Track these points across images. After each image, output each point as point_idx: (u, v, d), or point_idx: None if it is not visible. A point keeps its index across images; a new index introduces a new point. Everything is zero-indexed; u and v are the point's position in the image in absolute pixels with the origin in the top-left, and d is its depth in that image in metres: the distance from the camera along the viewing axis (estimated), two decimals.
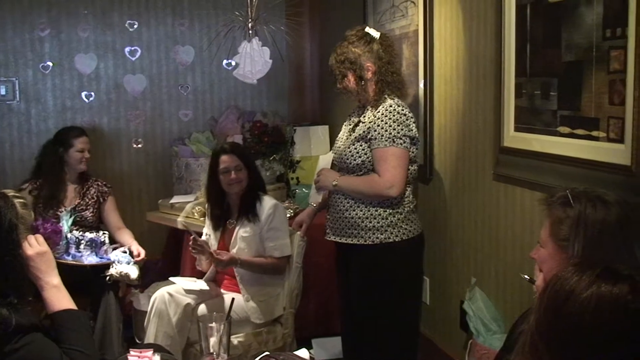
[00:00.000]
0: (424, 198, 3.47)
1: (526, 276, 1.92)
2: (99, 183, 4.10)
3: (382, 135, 2.81)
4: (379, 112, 2.86)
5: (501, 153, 2.74)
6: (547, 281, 1.17)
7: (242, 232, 3.31)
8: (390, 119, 2.82)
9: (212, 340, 2.08)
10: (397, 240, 2.88)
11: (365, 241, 2.90)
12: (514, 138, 2.66)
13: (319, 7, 5.11)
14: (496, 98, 2.74)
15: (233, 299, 2.34)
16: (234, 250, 3.30)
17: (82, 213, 3.95)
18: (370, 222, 2.88)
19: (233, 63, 3.92)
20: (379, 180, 2.83)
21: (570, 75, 2.29)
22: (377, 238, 2.88)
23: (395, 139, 2.80)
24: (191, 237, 3.20)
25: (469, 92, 3.02)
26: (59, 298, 1.98)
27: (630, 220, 1.67)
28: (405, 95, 3.01)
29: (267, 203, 3.34)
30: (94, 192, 4.05)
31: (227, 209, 3.42)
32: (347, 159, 2.91)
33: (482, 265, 3.00)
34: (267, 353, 1.96)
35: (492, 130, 2.81)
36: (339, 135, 3.10)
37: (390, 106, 2.85)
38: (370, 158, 2.87)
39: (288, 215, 4.09)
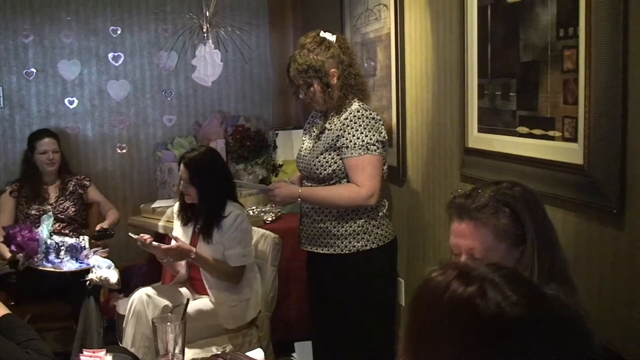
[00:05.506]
0: (397, 200, 3.47)
1: None
2: (78, 177, 4.35)
3: (355, 144, 2.74)
4: (346, 118, 2.78)
5: (466, 154, 2.73)
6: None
7: (203, 249, 3.25)
8: (360, 125, 2.75)
9: (167, 341, 2.10)
10: (373, 247, 2.85)
11: (342, 250, 2.84)
12: (477, 139, 2.65)
13: (301, 11, 5.12)
14: (461, 99, 2.74)
15: (188, 299, 2.35)
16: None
17: (63, 204, 4.18)
18: (346, 230, 2.83)
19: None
20: (358, 190, 2.73)
21: (528, 75, 2.29)
22: (354, 246, 2.84)
23: (369, 146, 2.74)
24: (140, 238, 3.13)
25: (438, 94, 3.02)
26: None
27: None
28: (368, 97, 2.96)
29: (228, 220, 3.23)
30: (74, 185, 4.29)
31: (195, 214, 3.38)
32: (317, 169, 2.84)
33: None
34: (217, 353, 1.96)
35: (458, 132, 2.80)
36: (304, 144, 3.01)
37: (358, 111, 2.78)
38: (340, 167, 2.80)
39: (270, 219, 4.12)
